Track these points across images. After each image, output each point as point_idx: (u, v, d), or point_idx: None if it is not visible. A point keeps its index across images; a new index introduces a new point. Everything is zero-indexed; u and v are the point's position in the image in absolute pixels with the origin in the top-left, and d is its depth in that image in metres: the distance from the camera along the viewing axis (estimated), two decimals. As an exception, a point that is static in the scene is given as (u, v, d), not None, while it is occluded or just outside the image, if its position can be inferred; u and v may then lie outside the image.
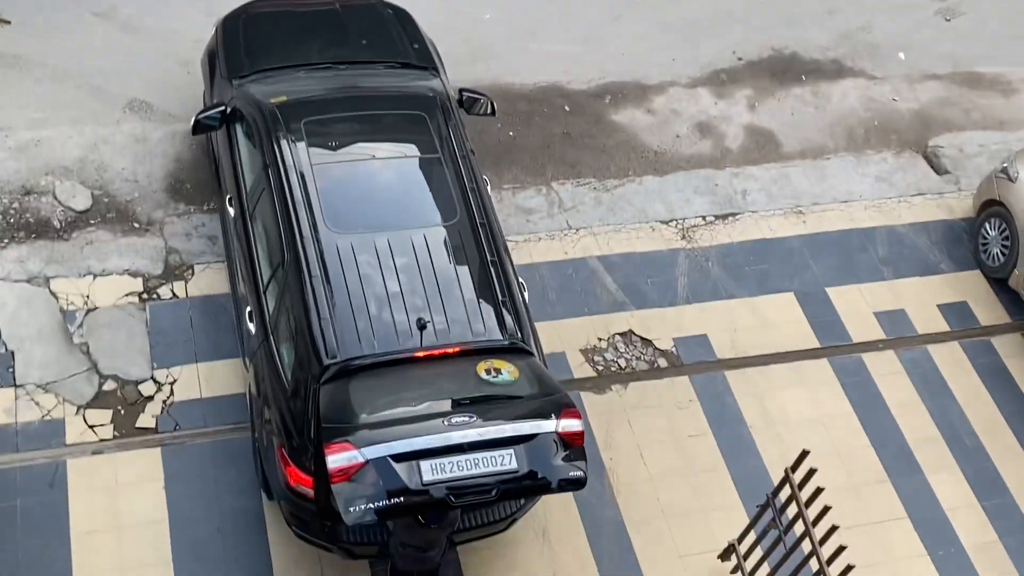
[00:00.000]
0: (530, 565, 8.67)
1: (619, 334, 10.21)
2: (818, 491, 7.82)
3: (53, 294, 9.50)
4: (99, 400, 8.99)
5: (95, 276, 9.67)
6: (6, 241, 9.75)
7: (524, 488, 7.45)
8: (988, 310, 11.09)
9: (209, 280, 9.81)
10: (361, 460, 7.03)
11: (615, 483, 9.22)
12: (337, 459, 7.01)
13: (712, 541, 9.02)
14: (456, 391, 7.49)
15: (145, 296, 9.64)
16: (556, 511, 8.96)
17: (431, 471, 7.12)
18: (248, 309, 8.56)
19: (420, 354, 7.56)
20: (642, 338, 10.22)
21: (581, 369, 9.88)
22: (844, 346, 10.56)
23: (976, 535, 9.50)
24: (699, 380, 10.02)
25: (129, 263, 9.82)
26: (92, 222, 10.06)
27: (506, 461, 7.28)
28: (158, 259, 9.90)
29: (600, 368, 9.95)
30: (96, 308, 9.48)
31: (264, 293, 8.38)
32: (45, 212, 10.02)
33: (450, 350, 7.63)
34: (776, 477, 9.37)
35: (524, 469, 7.31)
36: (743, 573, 8.48)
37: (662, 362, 10.10)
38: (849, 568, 7.51)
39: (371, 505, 6.99)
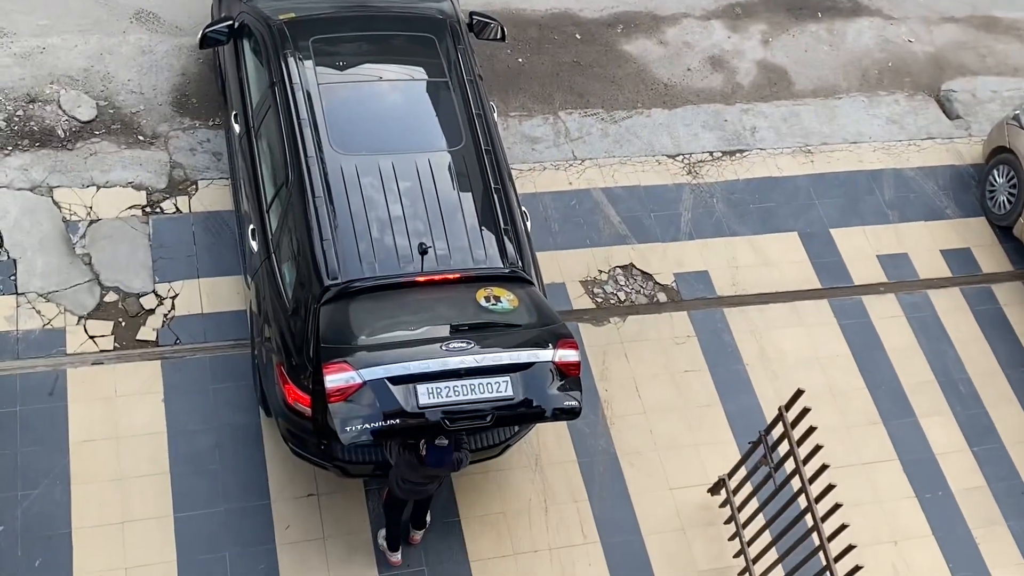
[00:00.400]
0: (521, 491, 8.78)
1: (620, 267, 10.21)
2: (810, 430, 7.88)
3: (56, 204, 9.49)
4: (100, 311, 9.03)
5: (98, 187, 9.65)
6: (10, 149, 9.71)
7: (519, 416, 7.53)
8: (991, 258, 11.07)
9: (212, 196, 9.79)
10: (359, 381, 7.10)
11: (609, 414, 9.30)
12: (335, 379, 7.07)
13: (703, 475, 9.12)
14: (455, 317, 7.51)
15: (148, 210, 9.63)
16: (549, 440, 9.05)
17: (427, 395, 7.19)
18: (251, 227, 8.55)
19: (421, 279, 7.56)
20: (642, 272, 10.22)
21: (580, 300, 9.90)
22: (845, 288, 10.56)
23: (964, 479, 9.60)
24: (698, 316, 10.04)
25: (133, 176, 9.79)
26: (96, 133, 10.01)
27: (502, 388, 7.35)
28: (162, 173, 9.87)
29: (599, 300, 9.97)
30: (99, 220, 9.48)
31: (267, 212, 8.37)
32: (49, 121, 9.96)
33: (451, 276, 7.62)
34: (770, 415, 9.44)
35: (519, 397, 7.38)
36: (732, 507, 8.59)
37: (661, 297, 10.12)
38: (837, 507, 7.61)
39: (367, 426, 7.06)
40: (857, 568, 7.44)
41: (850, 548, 7.51)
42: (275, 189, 8.31)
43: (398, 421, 7.12)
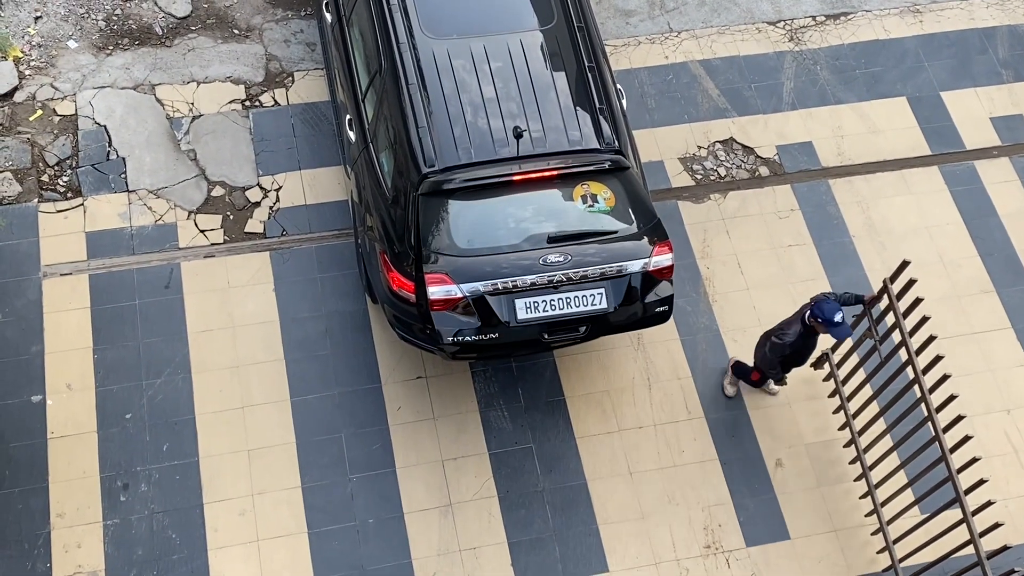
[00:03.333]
0: (624, 370, 8.87)
1: (719, 142, 10.01)
2: (917, 301, 7.74)
3: (159, 101, 9.69)
4: (208, 205, 9.28)
5: (198, 83, 9.81)
6: (111, 48, 9.90)
7: (612, 326, 7.79)
8: (1114, 115, 10.53)
9: (309, 87, 9.86)
10: (459, 295, 7.41)
11: (711, 292, 9.26)
12: (436, 291, 7.40)
13: (808, 349, 9.07)
14: (553, 224, 7.54)
15: (248, 103, 9.76)
16: (652, 318, 9.07)
17: (525, 310, 7.49)
18: (347, 117, 8.62)
19: (518, 178, 7.51)
20: (743, 146, 10.02)
21: (679, 178, 9.77)
22: (956, 153, 10.19)
23: (1081, 347, 9.35)
24: (801, 189, 9.84)
25: (231, 70, 9.91)
26: (193, 28, 10.12)
27: (597, 301, 7.57)
28: (259, 66, 9.97)
29: (699, 176, 9.83)
30: (201, 115, 9.65)
31: (363, 101, 8.40)
32: (147, 19, 10.10)
33: (548, 173, 7.55)
34: (878, 287, 9.28)
35: (613, 307, 7.61)
36: (836, 381, 8.55)
37: (764, 170, 9.92)
38: (945, 377, 7.51)
39: (467, 338, 7.46)
40: (967, 438, 7.37)
41: (960, 418, 7.44)
42: (369, 78, 8.32)
43: (497, 335, 7.45)
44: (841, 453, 8.68)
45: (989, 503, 7.35)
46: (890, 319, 8.09)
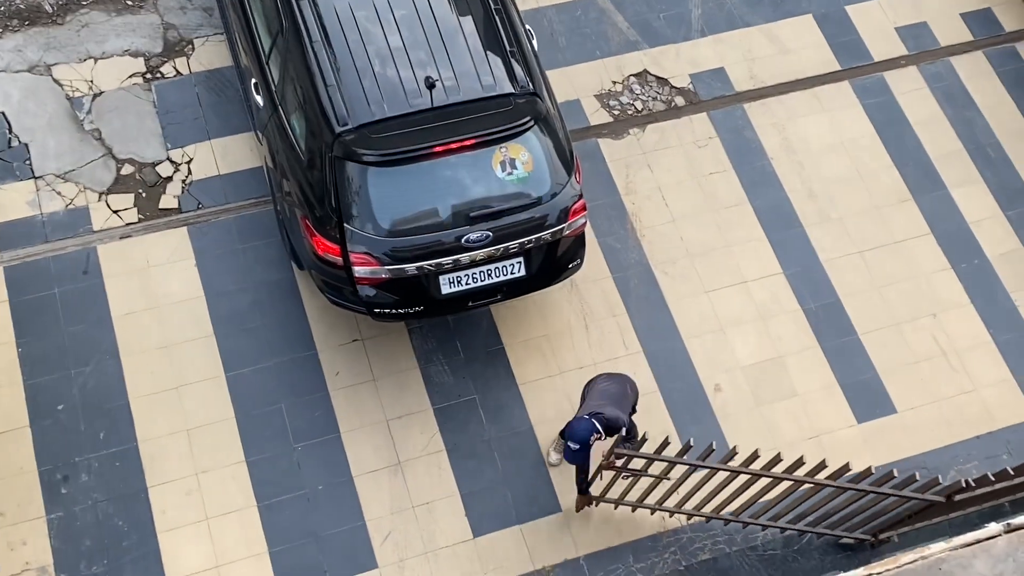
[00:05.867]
0: (561, 313, 8.88)
1: (633, 75, 9.97)
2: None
3: (57, 82, 9.35)
4: (119, 185, 9.02)
5: (96, 60, 9.48)
6: (0, 31, 9.51)
7: (529, 288, 8.04)
8: (1013, 15, 10.69)
9: (210, 54, 9.59)
10: (384, 276, 7.55)
11: (638, 227, 9.28)
12: (362, 271, 7.54)
13: (738, 274, 9.16)
14: (473, 197, 7.54)
15: (148, 76, 9.47)
16: (581, 257, 9.09)
17: (448, 284, 7.72)
18: (253, 81, 8.40)
19: (438, 148, 7.42)
20: (657, 77, 10.00)
21: (597, 115, 9.74)
22: (865, 66, 10.29)
23: (1000, 245, 9.57)
24: (718, 115, 9.87)
25: (128, 43, 9.59)
26: (84, 3, 9.75)
27: (516, 270, 7.82)
28: (156, 36, 9.66)
29: (616, 112, 9.80)
30: (102, 92, 9.35)
31: (267, 63, 8.19)
32: (34, -3, 9.72)
33: (466, 141, 7.45)
34: (799, 207, 9.43)
35: (531, 272, 7.87)
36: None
37: (679, 100, 9.92)
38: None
39: (393, 311, 7.77)
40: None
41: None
42: (271, 38, 8.10)
43: (422, 307, 7.77)
44: (777, 373, 8.82)
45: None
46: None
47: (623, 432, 7.36)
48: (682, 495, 7.68)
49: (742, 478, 7.29)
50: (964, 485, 6.99)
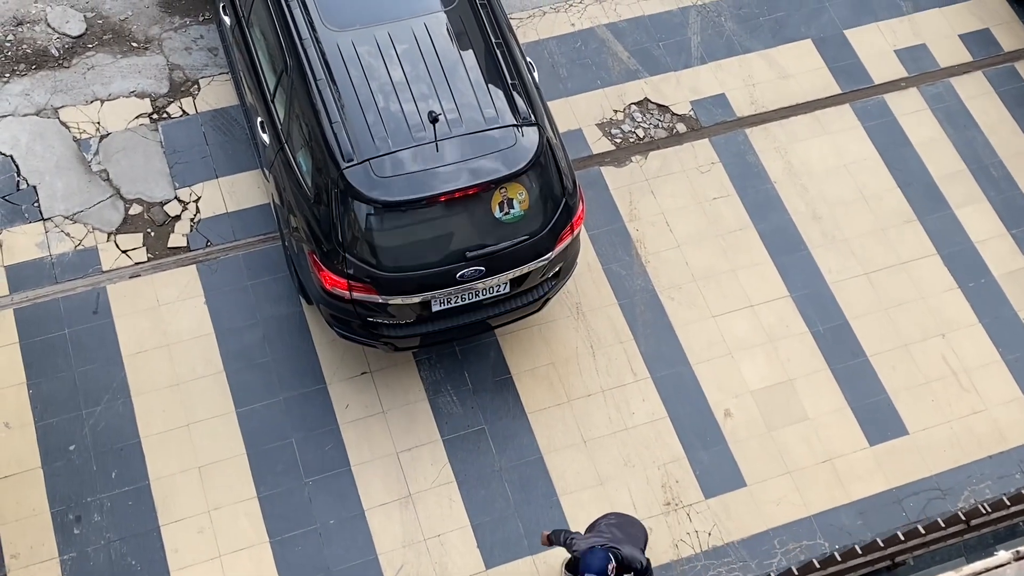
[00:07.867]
0: (567, 340, 8.90)
1: (635, 103, 10.05)
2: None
3: (64, 124, 9.45)
4: (128, 225, 9.10)
5: (102, 101, 9.58)
6: (7, 75, 9.63)
7: (516, 309, 8.27)
8: (1011, 35, 10.76)
9: (216, 93, 9.70)
10: (381, 301, 7.79)
11: (643, 253, 9.32)
12: (360, 296, 7.74)
13: (744, 299, 9.18)
14: (470, 238, 7.73)
15: (155, 116, 9.57)
16: (587, 287, 9.11)
17: (438, 303, 7.92)
18: (259, 119, 8.49)
19: (443, 198, 7.57)
20: (658, 105, 10.07)
21: (599, 144, 9.80)
22: (865, 89, 10.35)
23: (1006, 263, 9.58)
24: (720, 141, 9.92)
25: (134, 84, 9.70)
26: (90, 46, 9.87)
27: (502, 288, 8.02)
28: (162, 77, 9.77)
29: (618, 140, 9.86)
30: (109, 134, 9.45)
31: (272, 101, 8.28)
32: (41, 41, 9.84)
33: (470, 191, 7.58)
34: (803, 229, 9.46)
35: (518, 290, 8.12)
36: None
37: (681, 127, 9.98)
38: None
39: (391, 333, 8.09)
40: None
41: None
42: (276, 77, 8.20)
43: (415, 324, 8.05)
44: (786, 396, 8.81)
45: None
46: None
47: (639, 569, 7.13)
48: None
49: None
50: (982, 511, 6.97)
